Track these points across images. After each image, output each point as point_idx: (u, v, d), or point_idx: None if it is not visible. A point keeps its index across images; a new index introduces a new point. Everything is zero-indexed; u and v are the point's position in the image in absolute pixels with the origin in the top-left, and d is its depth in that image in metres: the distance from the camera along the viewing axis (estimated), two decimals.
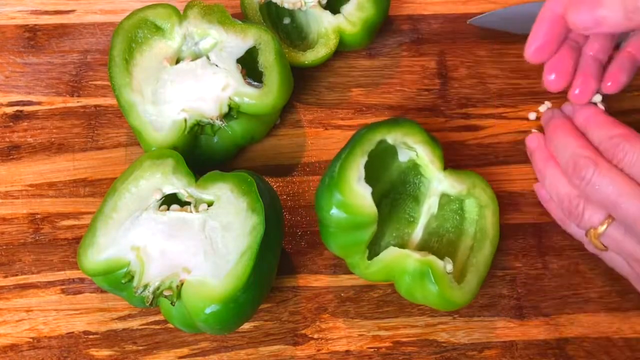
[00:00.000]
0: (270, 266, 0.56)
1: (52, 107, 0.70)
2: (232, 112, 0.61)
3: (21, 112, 0.70)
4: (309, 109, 0.71)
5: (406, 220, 0.63)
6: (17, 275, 0.63)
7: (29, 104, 0.70)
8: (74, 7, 0.76)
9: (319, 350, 0.60)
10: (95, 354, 0.60)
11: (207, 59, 0.62)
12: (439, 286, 0.55)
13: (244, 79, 0.61)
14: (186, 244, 0.54)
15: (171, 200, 0.57)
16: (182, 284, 0.53)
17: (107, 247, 0.54)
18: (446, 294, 0.55)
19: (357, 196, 0.55)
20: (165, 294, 0.53)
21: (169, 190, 0.56)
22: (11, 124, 0.69)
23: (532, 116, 0.70)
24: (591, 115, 0.54)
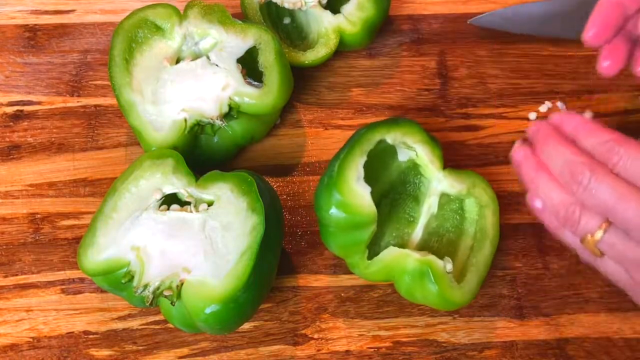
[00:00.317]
0: (270, 266, 0.56)
1: (52, 106, 0.70)
2: (232, 112, 0.61)
3: (21, 111, 0.70)
4: (309, 109, 0.71)
5: (406, 220, 0.63)
6: (17, 275, 0.63)
7: (29, 103, 0.70)
8: (74, 6, 0.76)
9: (319, 350, 0.60)
10: (95, 354, 0.60)
11: (207, 58, 0.62)
12: (439, 286, 0.55)
13: (244, 79, 0.61)
14: (186, 243, 0.54)
15: (171, 200, 0.57)
16: (182, 284, 0.53)
17: (107, 247, 0.54)
18: (446, 294, 0.55)
19: (356, 196, 0.55)
20: (165, 294, 0.53)
21: (169, 190, 0.56)
22: (11, 124, 0.69)
23: (532, 116, 0.70)
24: (580, 123, 0.54)
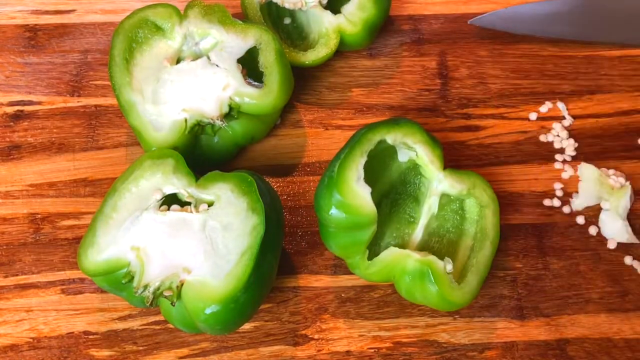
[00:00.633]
0: (270, 266, 0.56)
1: (53, 106, 0.70)
2: (232, 112, 0.61)
3: (21, 111, 0.70)
4: (309, 109, 0.71)
5: (406, 220, 0.63)
6: (17, 275, 0.63)
7: (30, 103, 0.70)
8: (75, 6, 0.76)
9: (319, 350, 0.60)
10: (95, 354, 0.60)
11: (208, 58, 0.62)
12: (439, 286, 0.55)
13: (245, 79, 0.61)
14: (186, 244, 0.54)
15: (171, 200, 0.57)
16: (182, 284, 0.53)
17: (107, 247, 0.54)
18: (446, 294, 0.55)
19: (356, 196, 0.55)
20: (165, 294, 0.52)
21: (169, 190, 0.56)
22: (12, 124, 0.69)
23: (532, 116, 0.70)
24: None
